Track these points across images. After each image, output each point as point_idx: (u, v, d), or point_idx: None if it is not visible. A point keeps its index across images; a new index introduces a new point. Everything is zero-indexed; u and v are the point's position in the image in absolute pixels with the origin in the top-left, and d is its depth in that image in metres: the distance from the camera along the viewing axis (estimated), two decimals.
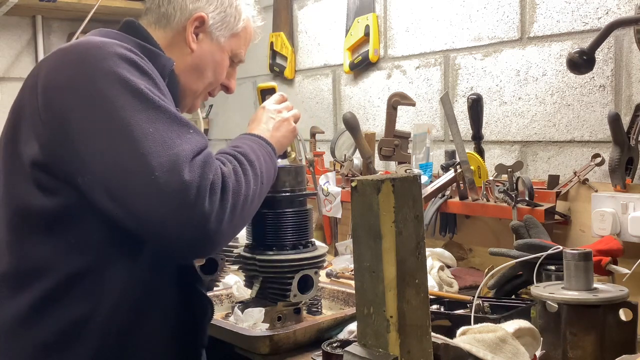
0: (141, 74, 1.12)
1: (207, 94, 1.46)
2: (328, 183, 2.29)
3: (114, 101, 1.07)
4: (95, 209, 1.09)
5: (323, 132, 2.55)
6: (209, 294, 1.67)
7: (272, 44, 2.88)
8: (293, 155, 2.45)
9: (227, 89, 1.51)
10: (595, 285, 1.23)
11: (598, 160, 1.72)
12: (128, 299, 1.14)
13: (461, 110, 2.08)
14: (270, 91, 1.66)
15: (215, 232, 1.07)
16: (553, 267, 1.42)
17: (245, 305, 1.47)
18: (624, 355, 1.12)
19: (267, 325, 1.42)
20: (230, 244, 1.76)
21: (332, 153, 2.37)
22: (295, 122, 1.50)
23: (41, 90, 1.12)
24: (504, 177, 1.77)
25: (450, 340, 1.04)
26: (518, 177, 1.74)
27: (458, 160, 1.87)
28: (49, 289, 1.10)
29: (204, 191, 1.05)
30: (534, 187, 1.73)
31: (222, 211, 1.08)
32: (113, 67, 1.09)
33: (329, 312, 1.61)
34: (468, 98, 1.93)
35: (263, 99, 1.60)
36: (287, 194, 1.50)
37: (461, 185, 1.87)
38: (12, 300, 1.11)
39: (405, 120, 2.30)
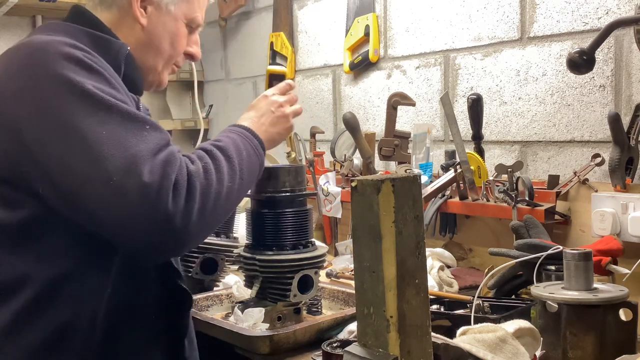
0: (89, 72, 1.07)
1: (173, 67, 1.39)
2: (328, 183, 2.29)
3: (62, 107, 1.03)
4: (61, 219, 1.06)
5: (323, 132, 2.55)
6: (209, 293, 1.68)
7: (272, 44, 2.88)
8: (293, 155, 2.46)
9: (192, 57, 1.41)
10: (595, 285, 1.23)
11: (598, 160, 1.72)
12: (109, 301, 1.12)
13: (461, 110, 2.08)
14: (279, 77, 1.56)
15: (183, 233, 1.04)
16: (553, 267, 1.42)
17: (245, 305, 1.47)
18: (624, 355, 1.12)
19: (267, 325, 1.42)
20: (231, 244, 1.76)
21: (332, 153, 2.37)
22: (294, 117, 1.44)
23: None
24: (504, 177, 1.77)
25: (450, 340, 1.04)
26: (518, 177, 1.74)
27: (458, 160, 1.87)
28: (29, 299, 1.08)
29: (166, 191, 1.01)
30: (534, 187, 1.73)
31: (188, 211, 1.04)
32: (58, 69, 1.05)
33: (329, 312, 1.61)
34: (468, 98, 1.93)
35: (270, 85, 1.51)
36: (287, 194, 1.50)
37: (461, 185, 1.87)
38: None
39: (405, 120, 2.30)
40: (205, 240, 1.73)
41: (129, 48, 1.23)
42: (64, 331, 1.10)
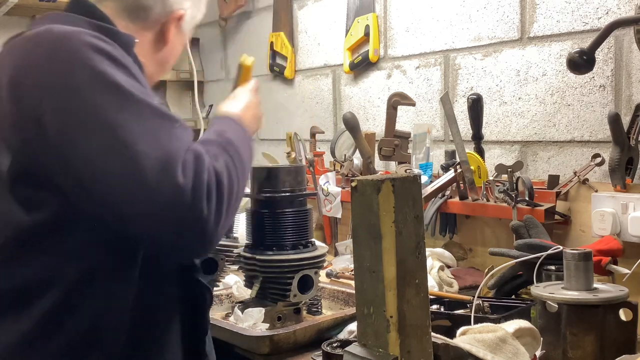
0: (117, 65, 1.03)
1: None
2: (328, 183, 2.29)
3: (93, 99, 0.99)
4: (86, 216, 1.03)
5: (323, 132, 2.55)
6: None
7: (272, 44, 2.88)
8: (293, 155, 2.46)
9: None
10: (595, 285, 1.23)
11: (598, 160, 1.72)
12: (133, 302, 1.10)
13: (461, 110, 2.08)
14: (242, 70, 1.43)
15: (213, 234, 1.02)
16: (553, 267, 1.42)
17: (245, 305, 1.48)
18: (624, 355, 1.12)
19: (267, 325, 1.42)
20: (231, 244, 1.76)
21: (332, 153, 2.37)
22: None
23: (7, 89, 1.03)
24: (504, 177, 1.77)
25: (450, 340, 1.04)
26: (518, 177, 1.74)
27: (458, 160, 1.87)
28: (52, 304, 1.05)
29: (201, 194, 0.98)
30: (534, 187, 1.73)
31: (219, 213, 1.02)
32: (87, 60, 1.01)
33: (329, 312, 1.61)
34: (468, 98, 1.93)
35: (240, 78, 1.42)
36: (287, 194, 1.50)
37: (461, 185, 1.87)
38: (15, 321, 1.05)
39: (405, 120, 2.30)
40: None
41: (136, 41, 1.19)
42: (91, 333, 1.07)
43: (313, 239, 1.56)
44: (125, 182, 0.97)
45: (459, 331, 1.11)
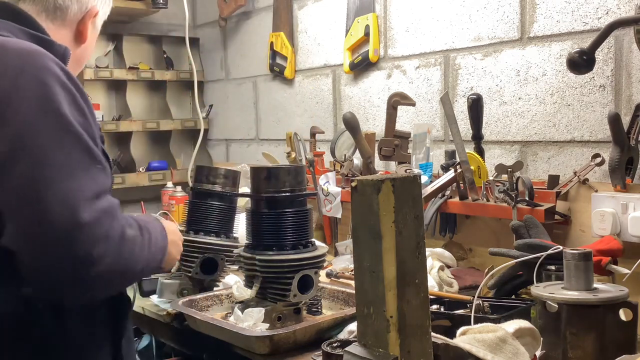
0: (67, 93, 1.09)
1: None
2: (328, 183, 2.29)
3: (31, 118, 1.04)
4: None
5: (323, 132, 2.55)
6: (209, 293, 1.68)
7: (272, 44, 2.88)
8: (293, 155, 2.46)
9: None
10: (595, 285, 1.23)
11: (598, 160, 1.72)
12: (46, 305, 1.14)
13: (461, 110, 2.08)
14: None
15: (94, 277, 1.03)
16: (553, 267, 1.42)
17: (245, 305, 1.47)
18: (624, 355, 1.12)
19: (267, 325, 1.42)
20: (231, 244, 1.76)
21: (332, 153, 2.37)
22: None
23: None
24: (504, 177, 1.77)
25: (450, 340, 1.04)
26: (518, 177, 1.74)
27: (458, 160, 1.88)
28: None
29: (97, 237, 1.01)
30: (534, 187, 1.73)
31: (110, 266, 1.04)
32: (43, 85, 1.06)
33: (329, 312, 1.61)
34: (468, 98, 1.93)
35: None
36: (287, 194, 1.50)
37: (461, 185, 1.87)
38: None
39: (405, 120, 2.30)
40: (205, 240, 1.73)
41: (70, 53, 1.26)
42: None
43: (313, 239, 1.56)
44: (24, 200, 1.00)
45: (459, 331, 1.11)
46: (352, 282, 1.28)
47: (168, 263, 1.37)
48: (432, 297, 1.48)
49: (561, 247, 1.39)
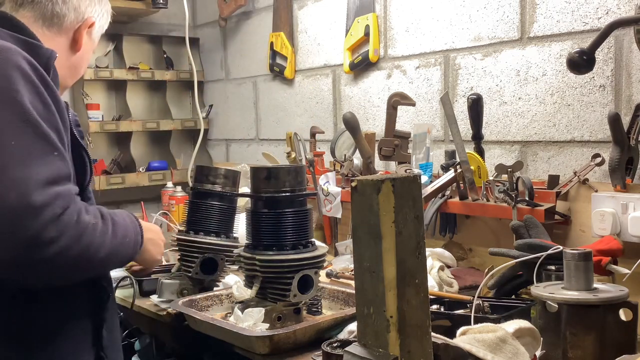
0: (30, 85, 1.13)
1: None
2: (328, 183, 2.29)
3: None
4: None
5: (323, 132, 2.55)
6: (209, 293, 1.68)
7: (272, 44, 2.88)
8: (293, 155, 2.46)
9: None
10: (595, 285, 1.23)
11: (598, 160, 1.72)
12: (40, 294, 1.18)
13: (461, 110, 2.08)
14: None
15: (40, 263, 1.05)
16: (553, 267, 1.42)
17: (245, 305, 1.47)
18: (624, 355, 1.12)
19: (267, 325, 1.42)
20: (231, 244, 1.76)
21: (332, 153, 2.37)
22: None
23: None
24: (504, 177, 1.77)
25: (450, 340, 1.04)
26: (518, 177, 1.74)
27: (458, 160, 1.87)
28: None
29: (47, 218, 1.04)
30: (534, 187, 1.73)
31: (59, 248, 1.06)
32: (8, 78, 1.10)
33: (329, 312, 1.61)
34: (468, 98, 1.93)
35: None
36: (287, 194, 1.50)
37: (461, 185, 1.87)
38: None
39: (405, 120, 2.30)
40: (205, 240, 1.73)
41: (57, 55, 1.28)
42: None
43: (313, 239, 1.55)
44: None
45: (459, 331, 1.11)
46: (352, 282, 1.28)
47: (147, 261, 1.44)
48: (432, 297, 1.48)
49: (561, 247, 1.39)
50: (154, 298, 1.77)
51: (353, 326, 1.36)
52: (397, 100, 2.07)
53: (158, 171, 3.20)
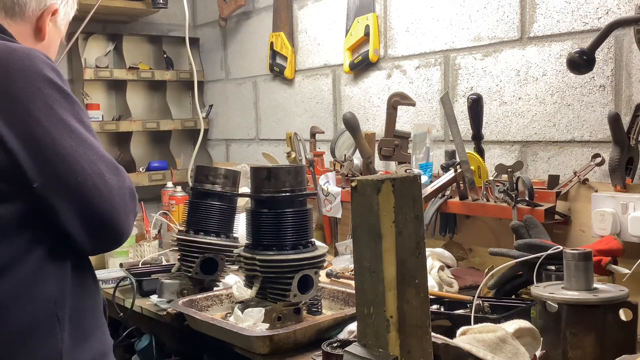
0: (67, 100, 1.19)
1: None
2: (328, 183, 2.29)
3: (57, 113, 1.15)
4: (42, 213, 1.13)
5: (323, 132, 2.55)
6: (209, 293, 1.68)
7: (272, 44, 2.88)
8: (293, 155, 2.46)
9: None
10: (595, 285, 1.23)
11: (598, 160, 1.72)
12: (72, 280, 1.21)
13: (461, 110, 2.08)
14: None
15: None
16: (553, 267, 1.42)
17: (245, 305, 1.48)
18: (624, 355, 1.12)
19: (267, 325, 1.42)
20: (231, 244, 1.76)
21: (332, 153, 2.37)
22: None
23: None
24: (504, 177, 1.77)
25: (450, 340, 1.04)
26: (518, 177, 1.74)
27: (458, 160, 1.87)
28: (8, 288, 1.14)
29: (134, 197, 1.23)
30: (534, 187, 1.73)
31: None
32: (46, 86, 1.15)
33: (329, 312, 1.61)
34: (468, 98, 1.93)
35: None
36: (287, 194, 1.50)
37: (461, 185, 1.87)
38: None
39: (405, 120, 2.30)
40: (205, 240, 1.74)
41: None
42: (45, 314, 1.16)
43: (313, 239, 1.56)
44: (90, 176, 1.14)
45: (459, 331, 1.11)
46: (352, 282, 1.28)
47: None
48: (432, 297, 1.48)
49: (561, 247, 1.39)
50: (154, 298, 1.77)
51: (353, 326, 1.36)
52: (397, 100, 2.07)
53: (158, 171, 3.20)
